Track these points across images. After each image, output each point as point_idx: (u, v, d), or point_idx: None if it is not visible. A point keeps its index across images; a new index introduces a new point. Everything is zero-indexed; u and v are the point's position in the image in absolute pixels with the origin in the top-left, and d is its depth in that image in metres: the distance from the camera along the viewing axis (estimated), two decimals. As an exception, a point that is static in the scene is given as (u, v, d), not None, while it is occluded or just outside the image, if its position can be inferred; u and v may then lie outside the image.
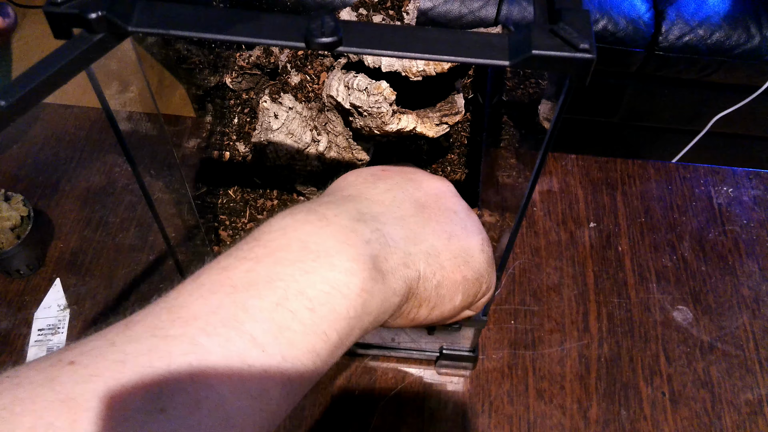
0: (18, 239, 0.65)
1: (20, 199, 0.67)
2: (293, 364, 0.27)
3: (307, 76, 0.60)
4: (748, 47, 1.34)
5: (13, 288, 0.68)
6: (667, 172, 0.80)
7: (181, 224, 0.66)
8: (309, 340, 0.28)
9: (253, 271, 0.28)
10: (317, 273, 0.29)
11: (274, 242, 0.30)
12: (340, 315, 0.29)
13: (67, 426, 0.23)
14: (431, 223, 0.36)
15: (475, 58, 0.27)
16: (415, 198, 0.37)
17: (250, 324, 0.27)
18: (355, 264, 0.30)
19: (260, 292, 0.28)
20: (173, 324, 0.26)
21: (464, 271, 0.36)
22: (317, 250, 0.30)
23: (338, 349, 0.30)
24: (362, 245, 0.31)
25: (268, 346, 0.27)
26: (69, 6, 0.27)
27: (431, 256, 0.34)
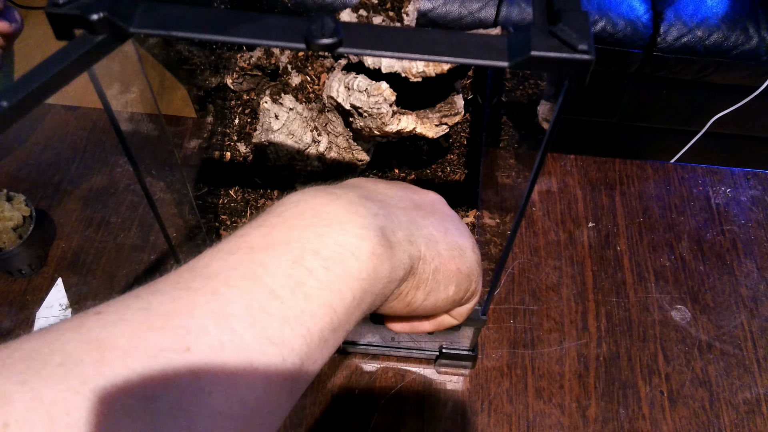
0: (20, 239, 0.65)
1: (22, 199, 0.67)
2: (311, 317, 0.28)
3: (307, 77, 0.60)
4: (746, 48, 1.34)
5: (16, 287, 0.69)
6: (666, 172, 0.81)
7: (183, 224, 0.66)
8: (325, 295, 0.29)
9: (269, 235, 0.30)
10: (330, 236, 0.30)
11: (287, 212, 0.32)
12: (353, 275, 0.30)
13: (96, 362, 0.23)
14: (429, 218, 0.38)
15: (475, 59, 0.28)
16: (412, 199, 0.39)
17: (268, 278, 0.28)
18: (365, 231, 0.31)
19: (277, 251, 0.29)
20: (194, 279, 0.28)
21: (458, 263, 0.38)
22: (329, 218, 0.31)
23: (352, 314, 0.31)
24: (371, 216, 0.32)
25: (286, 299, 0.28)
26: (70, 7, 0.27)
27: (431, 242, 0.36)
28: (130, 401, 0.23)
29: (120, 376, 0.23)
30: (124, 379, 0.23)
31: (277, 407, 0.28)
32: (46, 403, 0.22)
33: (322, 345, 0.29)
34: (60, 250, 0.72)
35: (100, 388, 0.23)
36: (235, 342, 0.26)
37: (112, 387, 0.23)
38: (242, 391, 0.26)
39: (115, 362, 0.24)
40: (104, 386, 0.23)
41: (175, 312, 0.26)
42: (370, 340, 0.64)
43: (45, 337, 0.25)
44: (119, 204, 0.75)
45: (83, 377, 0.23)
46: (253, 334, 0.26)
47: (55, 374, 0.23)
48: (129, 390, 0.23)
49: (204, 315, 0.26)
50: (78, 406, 0.22)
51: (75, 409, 0.22)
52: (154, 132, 0.67)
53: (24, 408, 0.22)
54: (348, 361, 0.66)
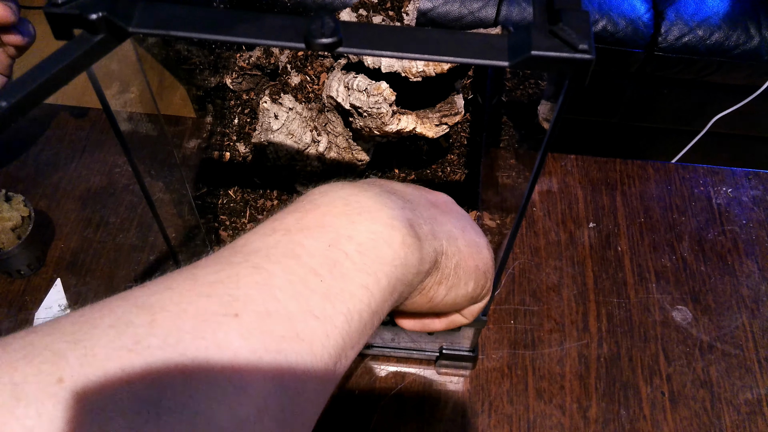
0: (19, 239, 0.65)
1: (21, 200, 0.67)
2: (351, 297, 0.29)
3: (307, 76, 0.60)
4: (748, 48, 1.34)
5: (14, 288, 0.69)
6: (667, 172, 0.80)
7: (182, 224, 0.66)
8: (362, 277, 0.29)
9: (304, 219, 0.31)
10: (362, 224, 0.31)
11: (318, 200, 0.32)
12: (387, 261, 0.31)
13: (147, 323, 0.24)
14: (447, 216, 0.39)
15: (475, 58, 0.28)
16: (427, 198, 0.39)
17: (307, 257, 0.29)
18: (395, 221, 0.32)
19: (313, 234, 0.30)
20: (234, 255, 0.28)
21: (476, 260, 0.39)
22: (359, 207, 0.32)
23: (386, 300, 0.31)
24: (399, 209, 0.33)
25: (326, 277, 0.28)
26: (69, 7, 0.27)
27: (451, 237, 0.37)
28: (184, 361, 0.23)
29: (172, 336, 0.24)
30: (176, 339, 0.24)
31: (323, 386, 0.28)
32: (99, 359, 0.22)
33: (361, 327, 0.29)
34: (59, 250, 0.71)
35: (153, 346, 0.23)
36: (281, 312, 0.26)
37: (165, 347, 0.23)
38: (291, 357, 0.26)
39: (166, 324, 0.24)
40: (158, 345, 0.23)
41: (220, 282, 0.26)
42: (370, 340, 0.64)
43: (92, 306, 0.25)
44: (118, 204, 0.75)
45: (136, 337, 0.23)
46: (297, 306, 0.27)
47: (107, 334, 0.23)
48: (182, 351, 0.23)
49: (249, 286, 0.26)
50: (132, 363, 0.22)
51: (129, 366, 0.22)
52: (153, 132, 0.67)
53: (78, 363, 0.22)
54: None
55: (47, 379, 0.21)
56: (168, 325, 0.24)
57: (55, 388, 0.21)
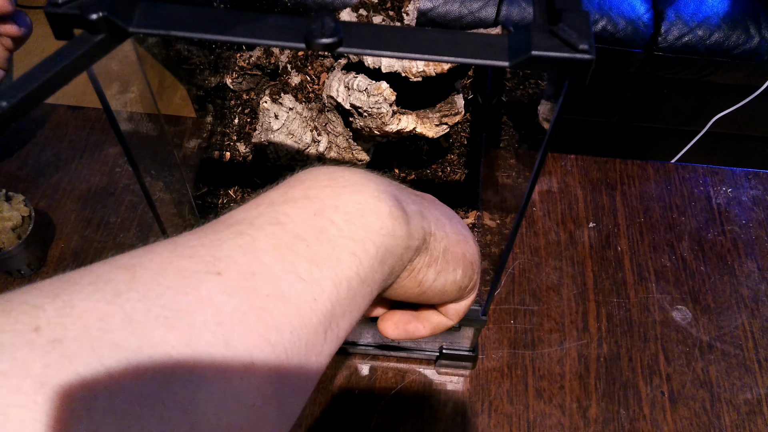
0: (19, 239, 0.65)
1: (21, 199, 0.67)
2: (338, 263, 0.28)
3: (307, 76, 0.60)
4: (747, 48, 1.34)
5: (15, 288, 0.68)
6: (666, 172, 0.80)
7: (182, 224, 0.66)
8: (349, 243, 0.29)
9: (288, 193, 0.31)
10: (348, 195, 0.31)
11: (303, 176, 0.32)
12: (374, 229, 0.30)
13: (127, 280, 0.24)
14: (432, 205, 0.38)
15: (475, 58, 0.28)
16: (413, 191, 0.40)
17: (292, 225, 0.28)
18: (382, 194, 0.32)
19: (298, 204, 0.30)
20: (218, 224, 0.28)
21: (464, 247, 0.38)
22: (344, 182, 0.32)
23: (376, 271, 0.31)
24: (385, 184, 0.33)
25: (311, 243, 0.28)
26: (70, 7, 0.27)
27: (439, 222, 0.37)
28: (164, 313, 0.23)
29: (152, 290, 0.24)
30: (156, 294, 0.23)
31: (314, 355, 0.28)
32: (78, 310, 0.22)
33: (351, 295, 0.29)
34: (59, 250, 0.71)
35: (133, 299, 0.23)
36: (265, 273, 0.26)
37: (145, 300, 0.23)
38: (277, 318, 0.26)
39: (147, 279, 0.24)
40: (137, 298, 0.23)
41: (201, 245, 0.26)
42: (370, 340, 0.64)
43: (76, 270, 0.25)
44: (118, 204, 0.75)
45: (116, 291, 0.23)
46: (282, 267, 0.27)
47: (86, 290, 0.23)
48: (162, 304, 0.23)
49: (232, 248, 0.26)
50: (111, 314, 0.22)
51: (108, 317, 0.22)
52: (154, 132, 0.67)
53: (55, 314, 0.22)
54: (348, 362, 0.66)
55: (23, 327, 0.21)
56: (148, 280, 0.24)
57: (32, 335, 0.21)
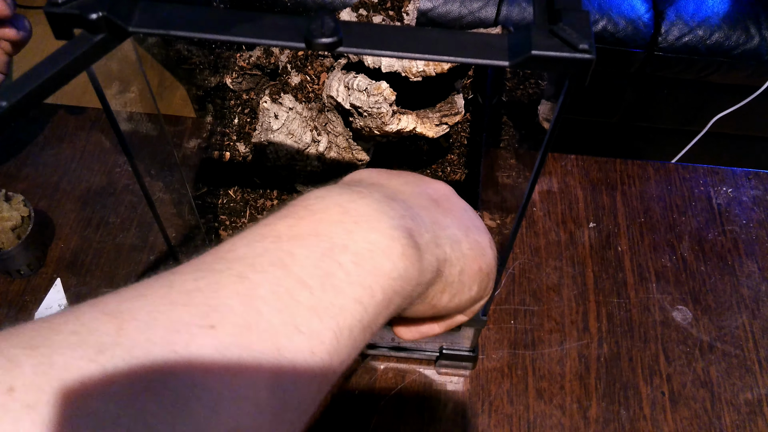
0: (19, 239, 0.65)
1: (21, 200, 0.67)
2: (341, 311, 0.27)
3: (307, 76, 0.60)
4: (748, 48, 1.34)
5: (14, 288, 0.68)
6: (667, 172, 0.80)
7: (182, 224, 0.66)
8: (355, 290, 0.28)
9: (297, 226, 0.29)
10: (359, 233, 0.29)
11: (313, 206, 0.30)
12: (384, 273, 0.29)
13: (114, 332, 0.22)
14: (449, 215, 0.37)
15: (475, 58, 0.28)
16: (428, 194, 0.38)
17: (297, 268, 0.27)
18: (395, 231, 0.30)
19: (305, 243, 0.28)
20: (218, 261, 0.27)
21: (480, 262, 0.37)
22: (357, 215, 0.30)
23: (380, 314, 0.29)
24: (399, 217, 0.31)
25: (315, 290, 0.27)
26: (69, 6, 0.27)
27: (455, 242, 0.35)
28: (150, 376, 0.22)
29: (139, 347, 0.22)
30: (144, 351, 0.22)
31: (305, 404, 0.27)
32: (56, 369, 0.20)
33: (351, 344, 0.28)
34: (59, 250, 0.71)
35: (117, 358, 0.21)
36: (262, 326, 0.25)
37: (131, 359, 0.21)
38: (269, 379, 0.24)
39: (134, 334, 0.22)
40: (122, 357, 0.21)
41: (198, 290, 0.25)
42: (371, 340, 0.64)
43: (60, 312, 0.23)
44: (118, 204, 0.75)
45: (99, 346, 0.21)
46: (280, 319, 0.25)
47: (68, 341, 0.21)
48: (150, 365, 0.22)
49: (230, 296, 0.25)
50: (92, 375, 0.21)
51: (88, 379, 0.20)
52: (154, 132, 0.67)
53: (32, 372, 0.20)
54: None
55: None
56: (136, 335, 0.22)
57: (5, 398, 0.19)
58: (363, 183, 0.36)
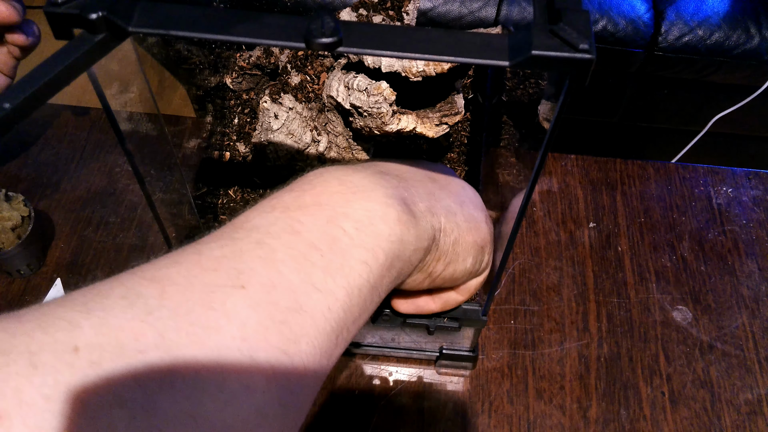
0: (19, 239, 0.65)
1: (21, 199, 0.67)
2: (350, 271, 0.29)
3: (307, 76, 0.60)
4: (748, 47, 1.34)
5: (14, 288, 0.68)
6: (667, 172, 0.80)
7: (182, 224, 0.66)
8: (360, 252, 0.30)
9: (301, 198, 0.32)
10: (357, 202, 0.32)
11: (314, 180, 0.33)
12: (383, 236, 0.31)
13: (157, 295, 0.24)
14: (445, 190, 0.39)
15: (475, 58, 0.28)
16: (425, 173, 0.40)
17: (306, 233, 0.29)
18: (390, 199, 0.33)
19: (311, 211, 0.31)
20: (236, 231, 0.29)
21: (475, 235, 0.39)
22: (354, 187, 0.32)
23: (384, 276, 0.31)
24: (392, 188, 0.34)
25: (325, 252, 0.29)
26: (69, 6, 0.27)
27: (449, 213, 0.37)
28: (195, 330, 0.24)
29: (182, 306, 0.24)
30: (186, 310, 0.24)
31: (326, 359, 0.29)
32: (113, 329, 0.22)
33: (362, 302, 0.30)
34: (59, 250, 0.71)
35: (164, 317, 0.23)
36: (284, 285, 0.27)
37: (176, 317, 0.24)
38: (295, 329, 0.26)
39: (176, 296, 0.25)
40: (168, 316, 0.24)
41: (224, 257, 0.27)
42: (370, 340, 0.64)
43: (105, 281, 0.26)
44: (118, 204, 0.75)
45: (148, 307, 0.24)
46: (299, 278, 0.27)
47: (119, 305, 0.23)
48: (192, 321, 0.24)
49: (253, 260, 0.27)
50: (145, 332, 0.23)
51: (142, 336, 0.22)
52: (153, 132, 0.67)
53: (93, 332, 0.22)
54: (348, 362, 0.66)
55: (63, 347, 0.21)
56: (178, 297, 0.25)
57: (72, 357, 0.21)
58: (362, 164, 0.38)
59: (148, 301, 0.24)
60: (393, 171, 0.37)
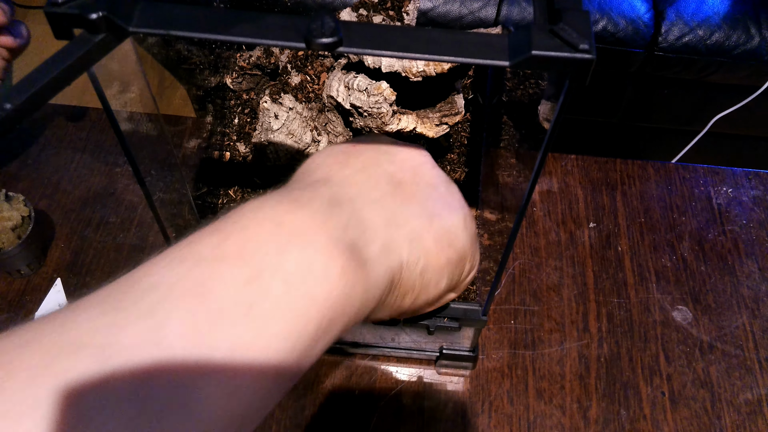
0: (19, 239, 0.65)
1: (21, 199, 0.67)
2: (264, 349, 0.24)
3: (307, 76, 0.60)
4: (748, 47, 1.34)
5: (14, 288, 0.68)
6: (667, 172, 0.80)
7: (182, 224, 0.66)
8: (281, 325, 0.25)
9: (223, 245, 0.26)
10: (294, 252, 0.26)
11: (245, 220, 0.27)
12: (319, 298, 0.26)
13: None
14: (412, 203, 0.33)
15: (475, 58, 0.28)
16: (390, 174, 0.33)
17: (214, 298, 0.24)
18: (334, 249, 0.27)
19: (229, 264, 0.25)
20: (128, 292, 0.24)
21: (448, 253, 0.34)
22: (292, 230, 0.27)
23: (318, 340, 0.26)
24: (340, 230, 0.28)
25: (236, 324, 0.23)
26: (69, 6, 0.27)
27: (414, 240, 0.32)
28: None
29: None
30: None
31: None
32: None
33: (271, 387, 0.25)
34: (59, 250, 0.71)
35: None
36: (155, 391, 0.22)
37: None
38: (173, 425, 0.22)
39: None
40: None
41: (95, 330, 0.22)
42: (370, 340, 0.64)
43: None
44: (118, 204, 0.75)
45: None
46: (185, 366, 0.22)
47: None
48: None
49: (135, 334, 0.22)
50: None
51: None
52: (154, 132, 0.67)
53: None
54: (348, 362, 0.66)
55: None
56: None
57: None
58: (312, 177, 0.33)
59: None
60: (349, 190, 0.31)
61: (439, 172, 0.36)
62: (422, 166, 0.35)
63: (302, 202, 0.29)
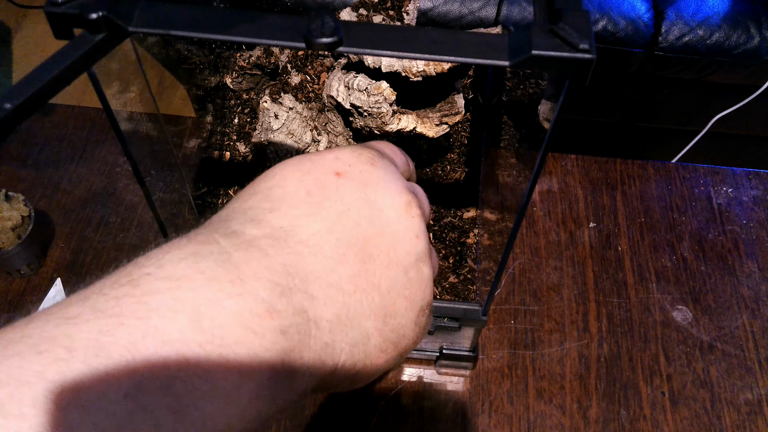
0: (19, 239, 0.65)
1: (21, 199, 0.67)
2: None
3: (307, 76, 0.60)
4: (748, 47, 1.34)
5: (14, 287, 0.68)
6: (667, 172, 0.80)
7: (182, 224, 0.66)
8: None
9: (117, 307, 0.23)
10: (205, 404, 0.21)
11: (154, 301, 0.22)
12: (233, 418, 0.22)
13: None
14: (372, 294, 0.27)
15: (475, 58, 0.28)
16: (366, 239, 0.27)
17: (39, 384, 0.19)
18: (260, 366, 0.22)
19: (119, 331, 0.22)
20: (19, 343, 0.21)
21: (390, 353, 0.29)
22: (211, 328, 0.21)
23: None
24: (277, 336, 0.23)
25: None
26: (69, 6, 0.27)
27: (358, 345, 0.27)
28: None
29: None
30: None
31: None
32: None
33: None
34: (59, 250, 0.71)
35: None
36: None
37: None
38: None
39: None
40: None
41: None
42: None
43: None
44: (118, 204, 0.75)
45: None
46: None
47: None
48: None
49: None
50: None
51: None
52: (154, 131, 0.67)
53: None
54: (348, 362, 0.66)
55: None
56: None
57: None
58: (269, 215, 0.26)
59: None
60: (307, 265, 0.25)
61: (420, 240, 0.29)
62: (406, 232, 0.29)
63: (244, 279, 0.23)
